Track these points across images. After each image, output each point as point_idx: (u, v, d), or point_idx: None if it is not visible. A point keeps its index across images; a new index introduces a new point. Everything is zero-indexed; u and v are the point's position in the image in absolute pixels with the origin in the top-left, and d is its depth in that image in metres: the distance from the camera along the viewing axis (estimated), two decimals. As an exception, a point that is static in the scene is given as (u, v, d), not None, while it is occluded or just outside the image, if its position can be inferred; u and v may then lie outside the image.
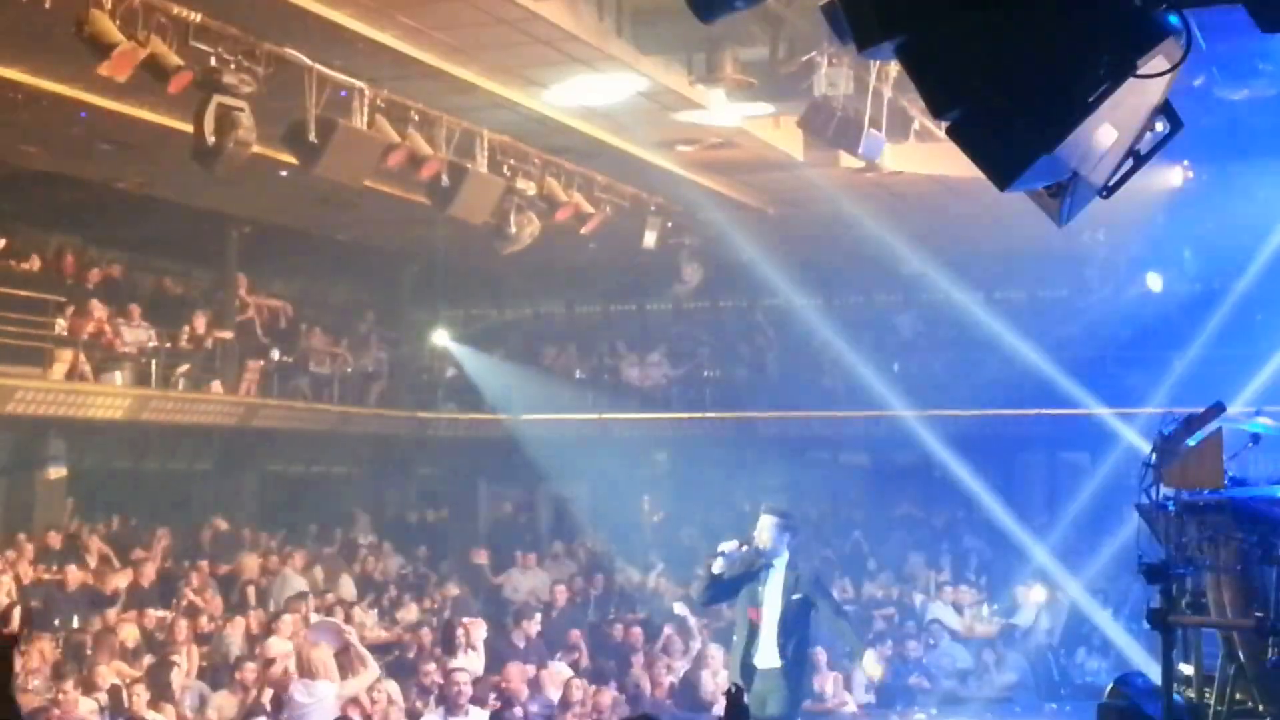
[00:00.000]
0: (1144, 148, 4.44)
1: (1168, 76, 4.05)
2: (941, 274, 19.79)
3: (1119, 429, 17.82)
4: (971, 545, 20.39)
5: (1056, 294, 21.95)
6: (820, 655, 14.71)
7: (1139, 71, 3.85)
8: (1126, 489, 16.61)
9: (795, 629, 10.02)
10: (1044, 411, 19.39)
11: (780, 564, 10.12)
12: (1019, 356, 19.40)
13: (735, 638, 10.30)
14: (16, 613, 12.77)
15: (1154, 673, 7.61)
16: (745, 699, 9.61)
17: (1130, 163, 4.42)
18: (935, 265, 19.53)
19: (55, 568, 15.76)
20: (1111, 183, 4.47)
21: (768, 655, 9.98)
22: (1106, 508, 17.68)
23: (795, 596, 10.05)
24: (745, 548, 10.03)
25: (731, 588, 10.19)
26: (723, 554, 10.03)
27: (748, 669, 9.98)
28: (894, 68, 12.94)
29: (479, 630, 13.81)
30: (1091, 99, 3.82)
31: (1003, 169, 3.99)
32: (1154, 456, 7.17)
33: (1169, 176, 15.51)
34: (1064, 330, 20.10)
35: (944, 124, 3.99)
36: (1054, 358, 19.05)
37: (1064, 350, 19.39)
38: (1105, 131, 4.16)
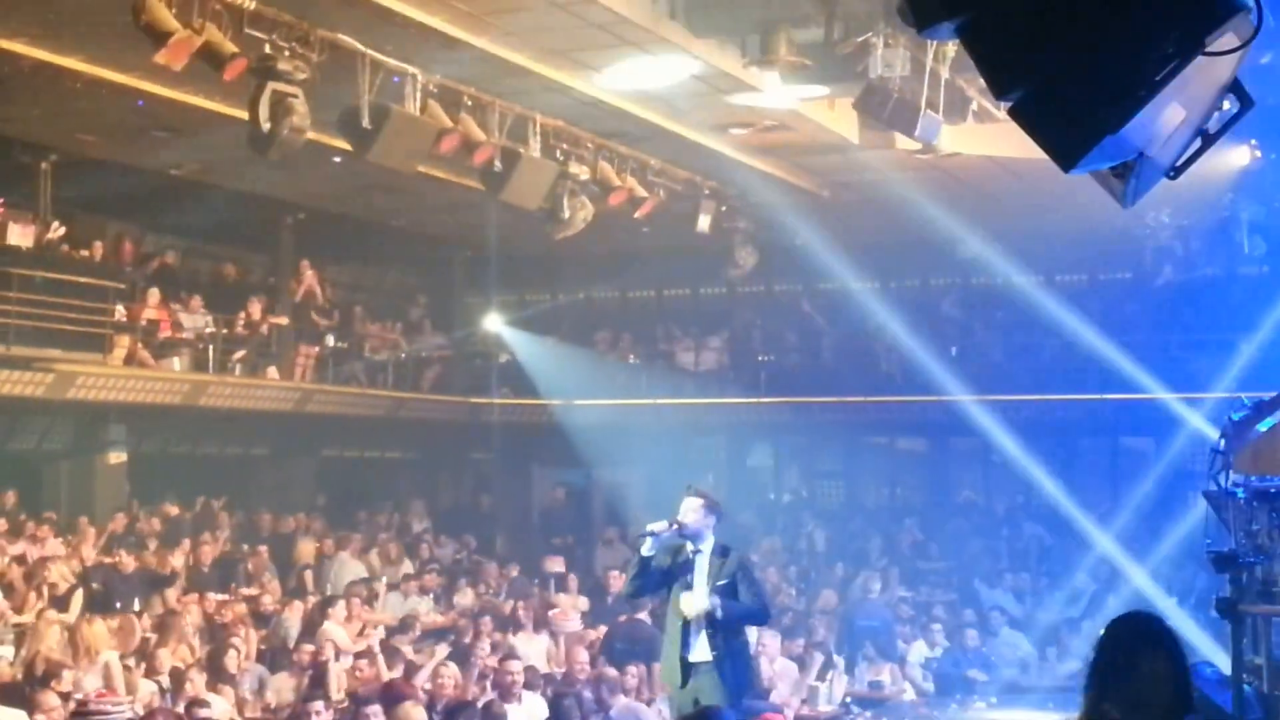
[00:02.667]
0: (1212, 127, 4.34)
1: (1237, 54, 3.95)
2: (1000, 257, 19.57)
3: (1184, 414, 17.55)
4: (1032, 532, 20.19)
5: (1119, 276, 21.66)
6: (868, 646, 14.69)
7: (1208, 49, 3.75)
8: (1191, 475, 16.51)
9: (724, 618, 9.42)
10: (1106, 396, 19.14)
11: (706, 549, 9.52)
12: (1080, 340, 19.18)
13: (667, 634, 9.64)
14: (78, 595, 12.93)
15: (1222, 662, 7.48)
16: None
17: (1198, 142, 4.32)
18: (993, 248, 19.32)
19: (116, 551, 15.89)
20: (1179, 163, 4.37)
21: (700, 649, 9.37)
22: (1171, 494, 17.48)
23: (721, 583, 9.40)
24: (675, 527, 9.37)
25: (661, 579, 9.54)
26: (651, 534, 9.41)
27: (684, 665, 9.37)
28: (951, 48, 12.81)
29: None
30: (1159, 77, 3.72)
31: (1068, 150, 3.89)
32: (1223, 442, 7.04)
33: (1236, 156, 15.27)
34: (1126, 313, 19.85)
35: (1005, 105, 3.89)
36: (1116, 341, 18.79)
37: (1127, 333, 19.12)
38: (1173, 110, 4.06)
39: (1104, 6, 3.65)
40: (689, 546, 9.52)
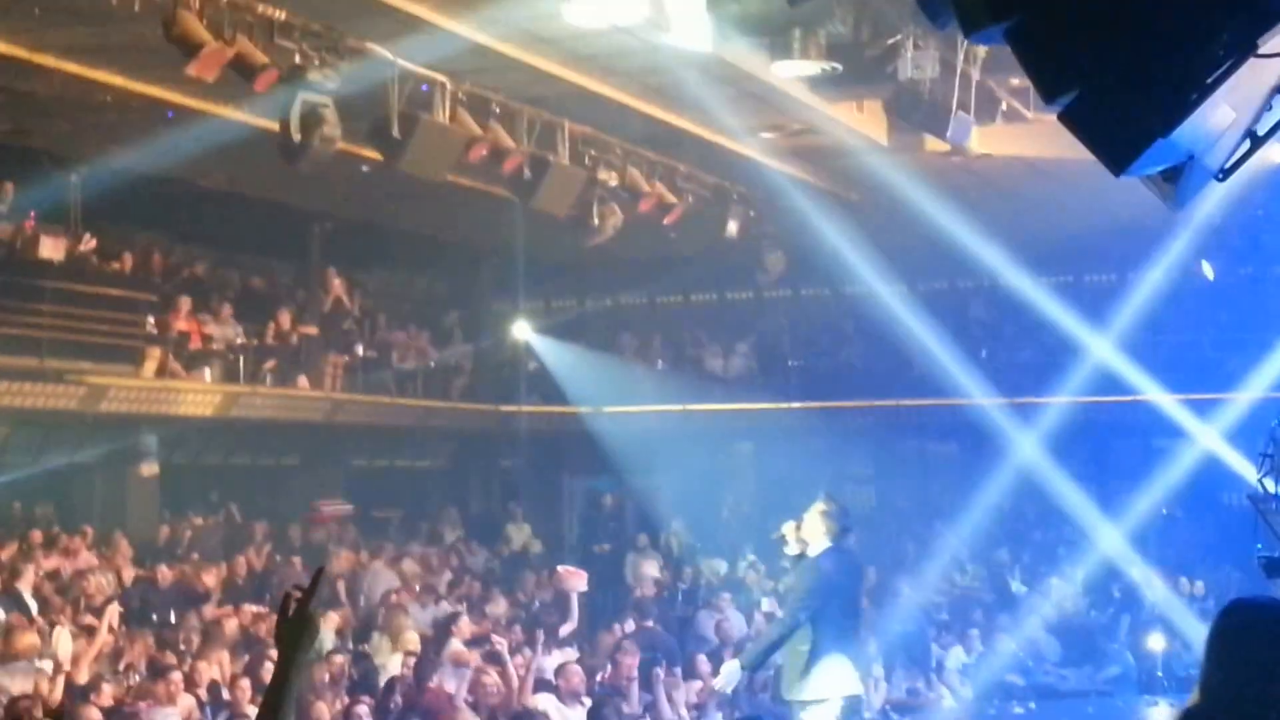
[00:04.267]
0: (1261, 128, 4.30)
1: (1289, 55, 3.91)
2: (1029, 258, 19.47)
3: (1218, 415, 17.42)
4: (1067, 535, 20.08)
5: (1150, 275, 21.50)
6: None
7: (1260, 51, 3.71)
8: (1226, 477, 16.39)
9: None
10: (1138, 398, 19.01)
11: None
12: (1110, 341, 19.06)
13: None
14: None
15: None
16: None
17: (1247, 144, 4.28)
18: (1023, 249, 19.22)
19: (150, 564, 15.92)
20: (1228, 165, 4.34)
21: None
22: (1205, 496, 17.36)
23: None
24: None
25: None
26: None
27: None
28: (981, 49, 12.77)
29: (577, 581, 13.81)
30: (1211, 80, 3.69)
31: (1118, 154, 3.86)
32: (1271, 446, 6.97)
33: (1272, 153, 15.13)
34: (1158, 313, 19.72)
35: (1055, 110, 3.86)
36: (1148, 342, 18.68)
37: (1159, 334, 19.01)
38: (1223, 112, 4.02)
39: (1155, 9, 3.62)
40: None
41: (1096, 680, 15.08)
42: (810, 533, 9.61)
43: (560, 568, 14.82)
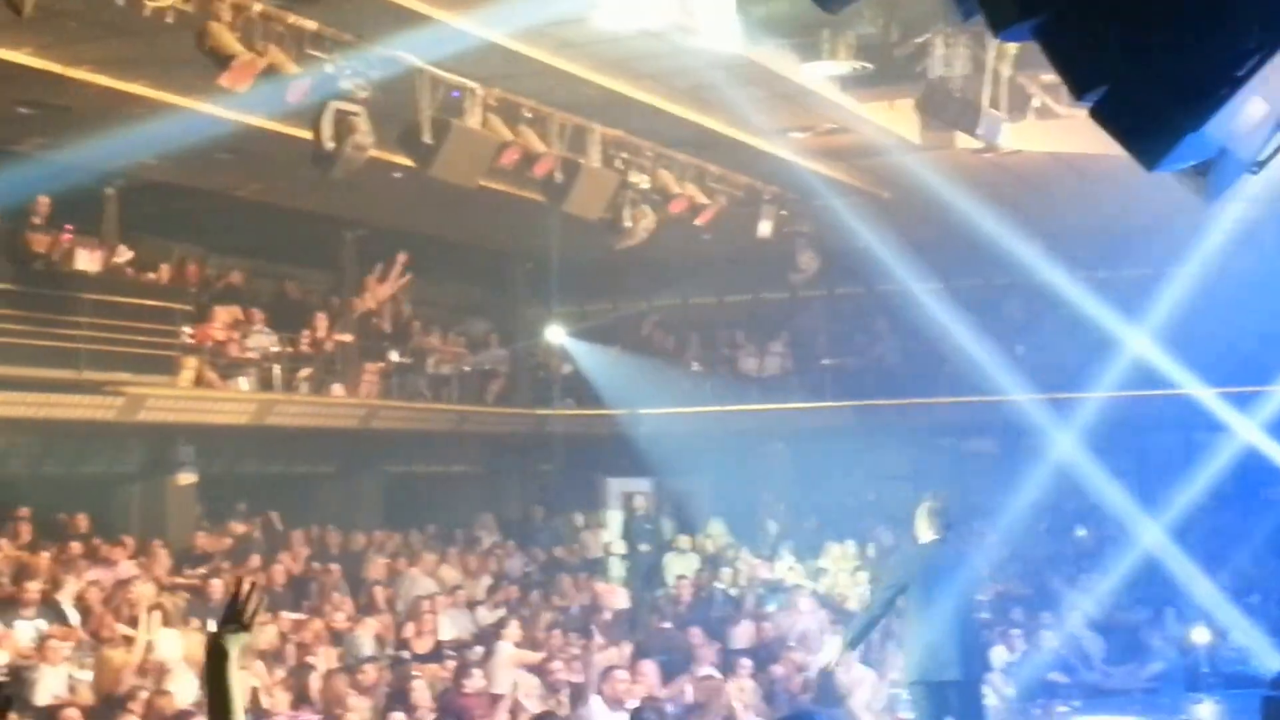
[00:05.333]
0: (1295, 120, 4.27)
1: (1322, 46, 3.88)
2: (1064, 253, 19.38)
3: (1258, 408, 17.27)
4: (1108, 531, 19.97)
5: (1185, 268, 21.34)
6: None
7: (1292, 42, 3.68)
8: (1269, 471, 16.27)
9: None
10: (1177, 392, 18.85)
11: None
12: (1148, 336, 18.94)
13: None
14: None
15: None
16: None
17: (1280, 136, 4.26)
18: (1057, 245, 19.13)
19: (190, 572, 16.01)
20: (1262, 157, 4.31)
21: None
22: (1249, 491, 17.22)
23: None
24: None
25: None
26: None
27: None
28: (1012, 46, 12.73)
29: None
30: (1242, 72, 3.67)
31: (1150, 149, 3.83)
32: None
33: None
34: (1194, 306, 19.55)
35: (1085, 105, 3.84)
36: (1185, 335, 18.53)
37: (1196, 327, 18.85)
38: (1255, 105, 3.99)
39: (1184, 2, 3.60)
40: None
41: (1141, 677, 14.98)
42: (918, 527, 10.76)
43: (599, 585, 14.91)
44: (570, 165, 14.54)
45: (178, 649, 13.04)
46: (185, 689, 11.83)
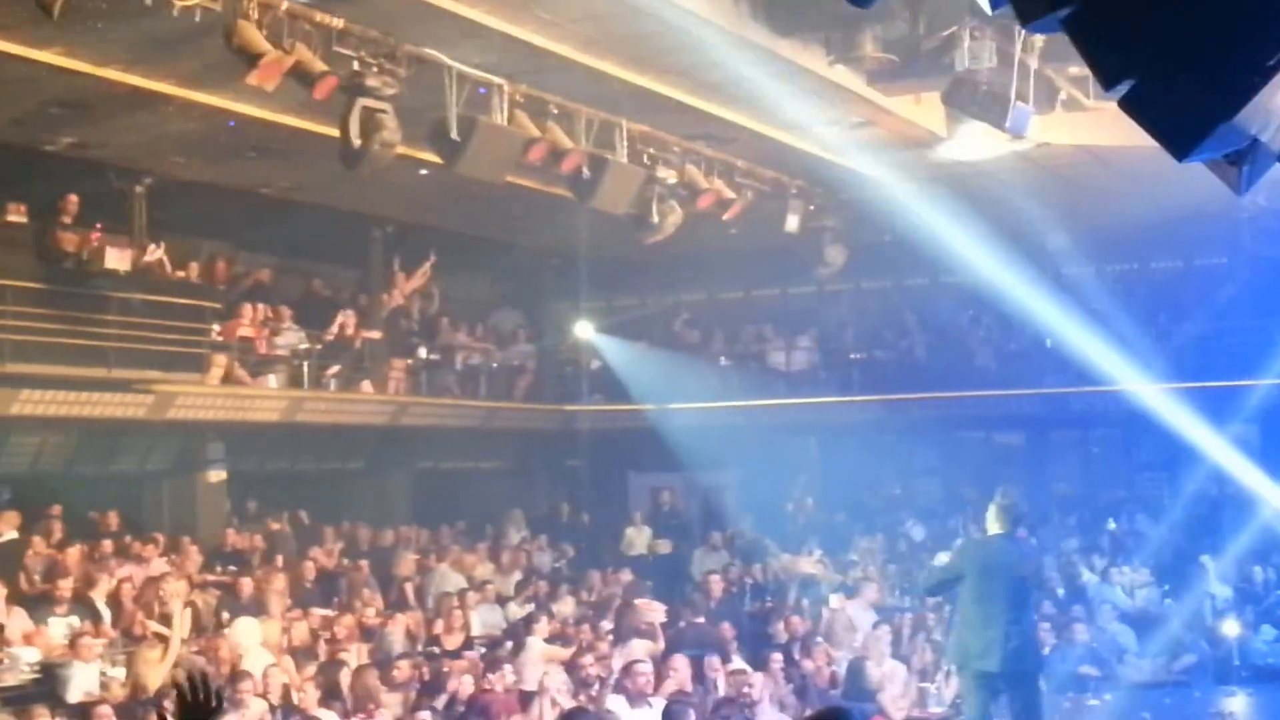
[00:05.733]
0: (1326, 110, 4.24)
1: (1353, 35, 3.85)
2: (1092, 246, 19.30)
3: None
4: (1138, 524, 19.89)
5: (1214, 260, 21.27)
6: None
7: (1323, 32, 3.66)
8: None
9: None
10: (1206, 384, 18.75)
11: None
12: (1177, 328, 18.86)
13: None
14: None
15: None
16: None
17: (1312, 126, 4.23)
18: (1085, 238, 19.05)
19: (221, 570, 16.08)
20: (1294, 147, 4.28)
21: None
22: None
23: None
24: None
25: None
26: None
27: None
28: (1039, 38, 12.69)
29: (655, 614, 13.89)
30: (1272, 62, 3.64)
31: (1180, 139, 3.81)
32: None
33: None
34: (1223, 297, 19.47)
35: (1114, 96, 3.82)
36: (1214, 327, 18.45)
37: (1224, 318, 18.77)
38: (1286, 94, 3.97)
39: (1213, -8, 3.58)
40: None
41: (1172, 670, 14.90)
42: (989, 522, 11.03)
43: (639, 601, 14.92)
44: (597, 161, 14.54)
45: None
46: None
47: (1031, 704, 10.66)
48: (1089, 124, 14.97)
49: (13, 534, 15.66)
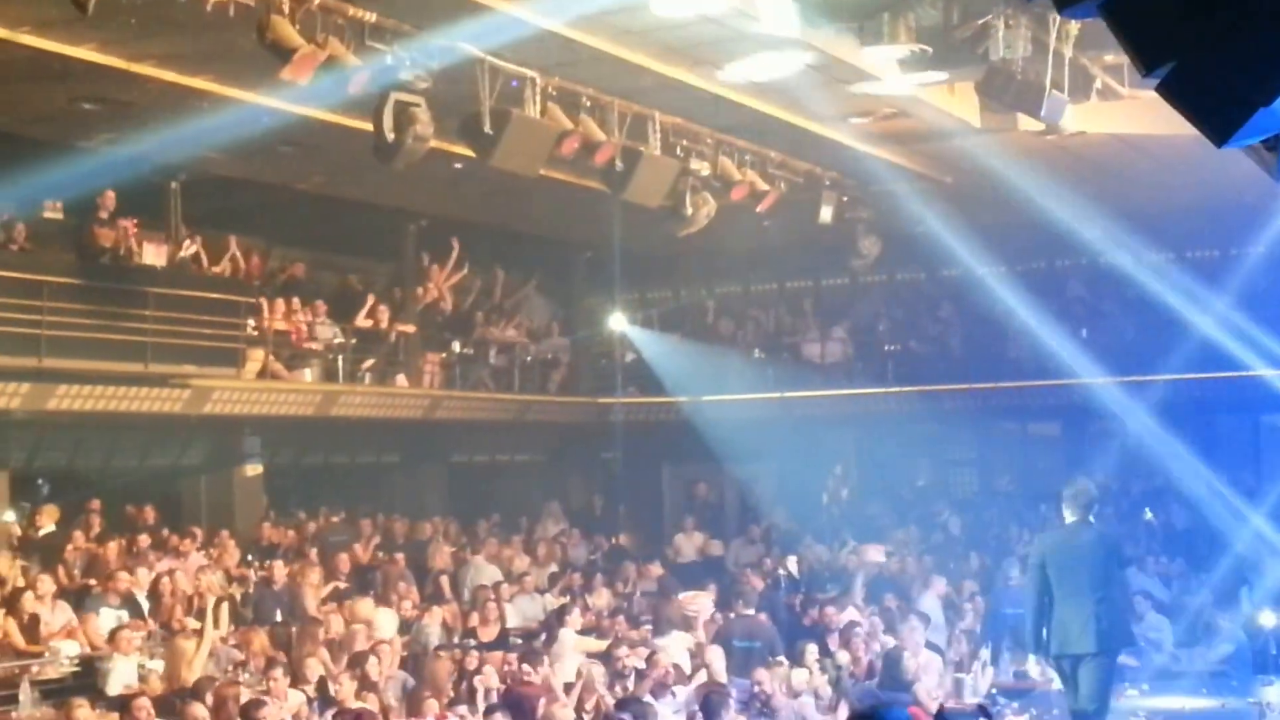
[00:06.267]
0: (1366, 95, 4.20)
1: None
2: (1128, 235, 19.17)
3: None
4: (1174, 515, 19.77)
5: (1252, 249, 21.08)
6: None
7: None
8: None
9: None
10: (1245, 374, 18.60)
11: None
12: (1215, 317, 18.72)
13: None
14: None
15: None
16: None
17: (1353, 111, 4.18)
18: (1121, 227, 18.93)
19: (258, 562, 16.15)
20: (1334, 133, 4.24)
21: None
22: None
23: None
24: None
25: None
26: None
27: None
28: (1074, 26, 12.61)
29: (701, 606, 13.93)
30: (1313, 46, 3.61)
31: (1220, 124, 3.78)
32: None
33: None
34: (1261, 287, 19.30)
35: (1153, 82, 3.79)
36: (1254, 316, 18.28)
37: (1264, 308, 18.60)
38: (1327, 79, 3.93)
39: (1253, -26, 3.55)
40: None
41: (1210, 660, 14.81)
42: (1064, 510, 11.36)
43: (683, 595, 14.91)
44: (630, 153, 14.52)
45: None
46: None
47: (1105, 680, 11.11)
48: (1124, 112, 14.88)
49: (51, 527, 15.80)
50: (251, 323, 17.41)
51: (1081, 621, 10.82)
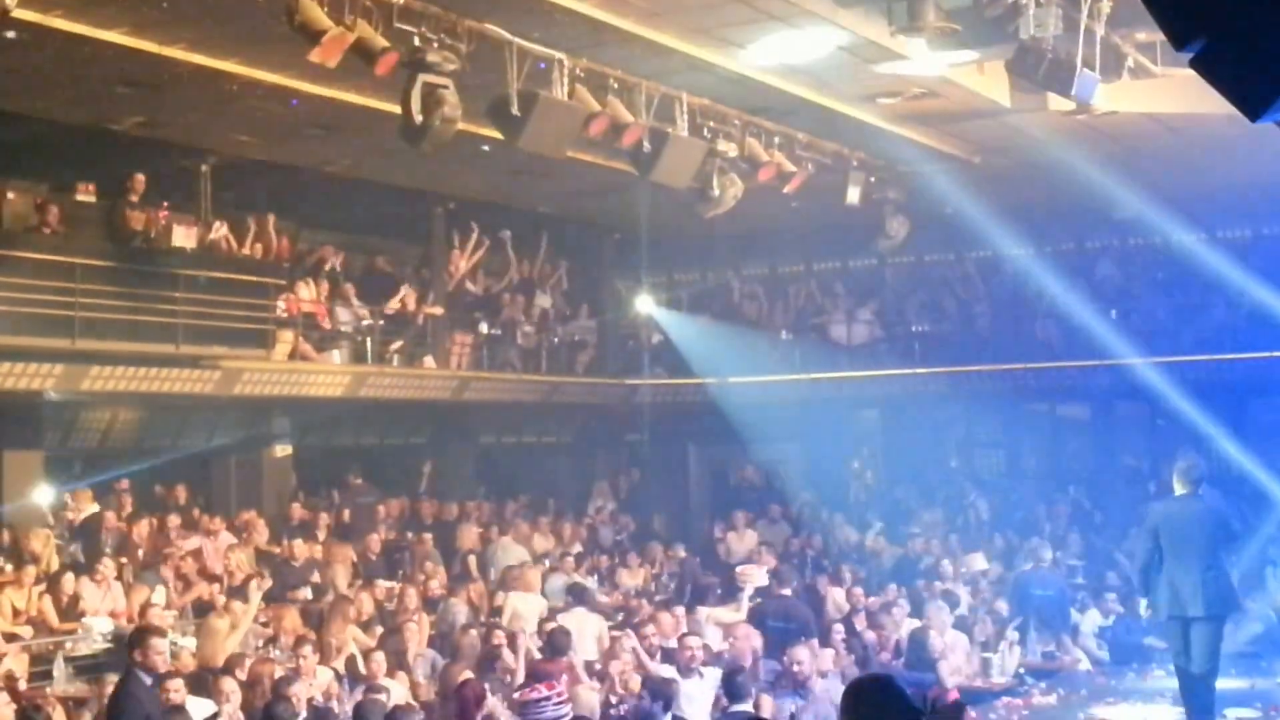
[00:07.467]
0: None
1: None
2: (1159, 215, 19.08)
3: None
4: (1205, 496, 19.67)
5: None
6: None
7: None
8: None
9: None
10: (1277, 354, 18.52)
11: None
12: (1246, 297, 18.63)
13: None
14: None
15: None
16: None
17: (1388, 86, 4.17)
18: (1152, 207, 18.84)
19: (287, 542, 16.25)
20: (1368, 107, 4.22)
21: None
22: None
23: None
24: None
25: None
26: None
27: None
28: (1106, 4, 12.54)
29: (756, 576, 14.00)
30: (1347, 20, 3.60)
31: (1253, 99, 3.77)
32: None
33: None
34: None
35: (1186, 56, 3.78)
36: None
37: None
38: (1361, 54, 3.92)
39: (1287, -52, 3.53)
40: None
41: (1238, 640, 14.76)
42: (1174, 485, 11.95)
43: (740, 568, 14.93)
44: (658, 134, 14.50)
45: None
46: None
47: (1214, 644, 11.62)
48: (1156, 91, 14.79)
49: (94, 508, 15.95)
50: (281, 305, 17.49)
51: (1192, 587, 11.40)
